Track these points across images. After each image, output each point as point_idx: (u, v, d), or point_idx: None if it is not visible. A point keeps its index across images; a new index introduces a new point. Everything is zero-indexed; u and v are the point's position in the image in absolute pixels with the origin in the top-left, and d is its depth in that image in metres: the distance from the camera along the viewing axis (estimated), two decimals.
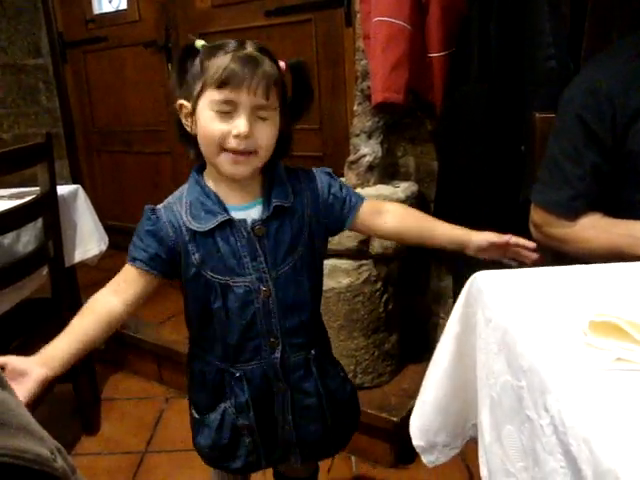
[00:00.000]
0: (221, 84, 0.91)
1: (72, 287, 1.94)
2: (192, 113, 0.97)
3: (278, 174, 1.04)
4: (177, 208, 1.01)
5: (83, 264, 1.97)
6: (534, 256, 1.05)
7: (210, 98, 0.93)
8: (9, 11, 3.06)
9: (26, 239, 1.67)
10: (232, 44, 0.94)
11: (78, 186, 1.95)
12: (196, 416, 1.14)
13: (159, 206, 1.03)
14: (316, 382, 1.10)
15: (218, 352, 1.06)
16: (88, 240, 1.92)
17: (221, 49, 0.94)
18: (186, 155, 1.07)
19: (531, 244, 1.06)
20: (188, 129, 0.99)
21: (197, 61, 0.96)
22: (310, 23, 2.21)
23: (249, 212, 1.01)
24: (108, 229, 2.06)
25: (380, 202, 1.21)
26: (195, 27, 2.58)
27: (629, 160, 1.12)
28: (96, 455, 1.86)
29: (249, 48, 0.94)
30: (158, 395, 2.16)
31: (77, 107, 3.30)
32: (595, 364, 0.63)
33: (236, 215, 1.00)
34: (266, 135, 0.96)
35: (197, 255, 0.99)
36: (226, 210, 0.99)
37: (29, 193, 1.76)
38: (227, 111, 0.93)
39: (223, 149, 0.94)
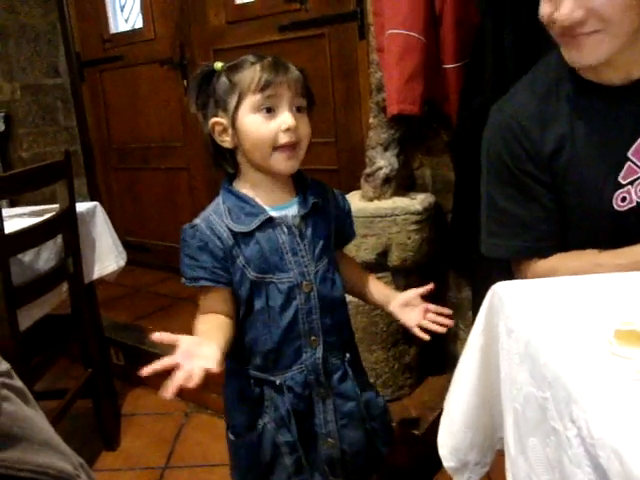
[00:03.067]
0: (263, 86, 0.98)
1: (91, 303, 1.95)
2: (232, 126, 1.02)
3: (304, 177, 1.12)
4: (215, 218, 1.04)
5: (102, 280, 1.98)
6: (449, 323, 1.12)
7: (252, 103, 1.00)
8: (29, 34, 3.13)
9: (46, 256, 1.69)
10: (253, 57, 1.02)
11: (96, 203, 1.97)
12: (232, 438, 1.13)
13: (196, 221, 1.05)
14: (353, 385, 1.12)
15: (257, 361, 1.07)
16: (106, 256, 1.94)
17: (245, 63, 1.01)
18: (202, 170, 1.09)
19: (447, 310, 1.13)
20: (226, 144, 1.05)
21: (222, 79, 1.02)
22: (324, 37, 2.22)
23: (287, 211, 1.07)
24: (126, 245, 2.07)
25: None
26: (210, 44, 2.61)
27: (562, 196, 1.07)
28: (116, 471, 1.86)
29: (269, 58, 1.02)
30: (177, 410, 2.16)
31: (94, 125, 3.34)
32: (621, 374, 0.62)
33: (275, 214, 1.06)
34: (306, 125, 1.04)
35: (242, 257, 1.03)
36: (265, 211, 1.05)
37: (48, 210, 1.78)
38: (271, 108, 1.00)
39: (274, 149, 1.01)
